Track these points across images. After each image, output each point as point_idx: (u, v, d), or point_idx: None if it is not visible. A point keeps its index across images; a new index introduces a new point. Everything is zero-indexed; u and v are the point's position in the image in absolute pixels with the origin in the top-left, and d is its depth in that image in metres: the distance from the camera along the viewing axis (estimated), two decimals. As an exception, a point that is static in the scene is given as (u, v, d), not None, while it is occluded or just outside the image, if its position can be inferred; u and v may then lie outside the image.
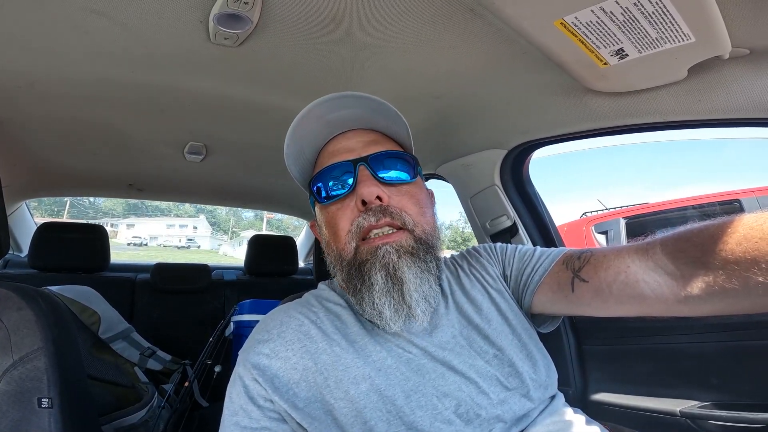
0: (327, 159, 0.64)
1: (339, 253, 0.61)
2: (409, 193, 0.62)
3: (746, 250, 0.45)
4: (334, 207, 0.61)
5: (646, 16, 0.54)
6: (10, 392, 0.62)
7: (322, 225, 0.66)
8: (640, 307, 0.57)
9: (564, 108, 0.89)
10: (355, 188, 0.59)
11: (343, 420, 0.53)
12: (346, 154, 0.63)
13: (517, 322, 0.64)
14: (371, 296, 0.56)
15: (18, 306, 0.68)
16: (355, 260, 0.58)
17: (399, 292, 0.56)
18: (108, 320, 1.39)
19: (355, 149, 0.63)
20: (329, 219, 0.62)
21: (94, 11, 0.69)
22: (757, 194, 3.14)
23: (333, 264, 0.64)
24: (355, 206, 0.59)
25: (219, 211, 43.13)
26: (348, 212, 0.60)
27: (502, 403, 0.57)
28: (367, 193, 0.58)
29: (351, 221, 0.59)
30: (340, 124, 0.65)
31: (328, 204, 0.62)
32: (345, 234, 0.59)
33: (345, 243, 0.59)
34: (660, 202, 4.16)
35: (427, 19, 0.68)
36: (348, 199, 0.60)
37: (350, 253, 0.59)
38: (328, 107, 0.62)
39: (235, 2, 0.64)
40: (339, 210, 0.61)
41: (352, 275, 0.59)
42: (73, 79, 0.92)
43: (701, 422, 0.85)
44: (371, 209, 0.58)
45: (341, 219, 0.60)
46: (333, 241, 0.62)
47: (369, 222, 0.58)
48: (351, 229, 0.59)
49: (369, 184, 0.59)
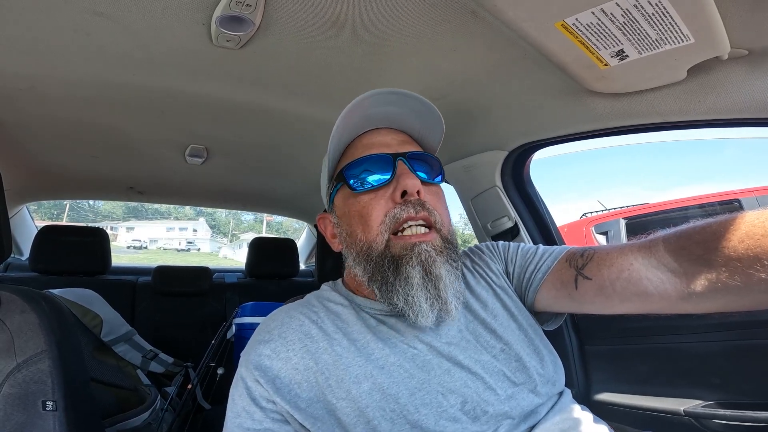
0: (361, 150, 0.63)
1: (368, 243, 0.59)
2: (438, 194, 0.64)
3: (748, 247, 0.46)
4: (367, 197, 0.61)
5: (646, 18, 0.55)
6: (14, 395, 0.62)
7: (347, 216, 0.64)
8: (643, 305, 0.57)
9: (564, 109, 0.89)
10: (395, 180, 0.60)
11: (345, 420, 0.53)
12: (384, 148, 0.63)
13: (523, 318, 0.65)
14: (406, 290, 0.56)
15: (21, 309, 0.68)
16: (386, 253, 0.58)
17: (435, 288, 0.57)
18: (110, 323, 1.38)
19: (391, 145, 0.64)
20: (360, 208, 0.61)
21: (96, 13, 0.69)
22: (756, 194, 3.15)
23: (354, 256, 0.62)
24: (390, 198, 0.59)
25: (219, 213, 43.02)
26: (382, 203, 0.60)
27: (509, 399, 0.56)
28: (411, 184, 0.58)
29: (385, 212, 0.59)
30: (379, 120, 0.65)
31: (360, 193, 0.61)
32: (378, 224, 0.59)
33: (376, 234, 0.59)
34: (660, 202, 4.17)
35: (427, 22, 0.69)
36: (383, 191, 0.60)
37: (381, 245, 0.58)
38: (375, 101, 0.62)
39: (238, 5, 0.64)
40: (372, 200, 0.60)
41: (382, 267, 0.58)
42: (74, 81, 0.93)
43: (705, 421, 0.85)
44: (410, 201, 0.59)
45: (374, 209, 0.60)
46: (362, 232, 0.60)
47: (408, 213, 0.58)
48: (384, 220, 0.59)
49: (411, 177, 0.59)
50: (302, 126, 1.17)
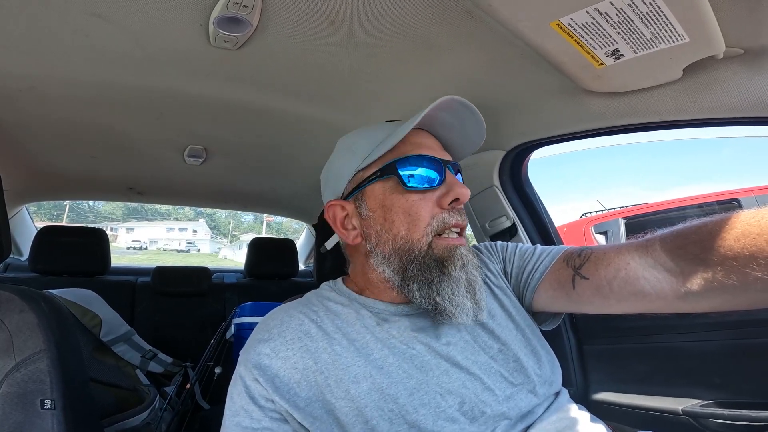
0: (411, 148, 0.62)
1: (410, 243, 0.59)
2: None
3: (744, 246, 0.46)
4: (416, 196, 0.60)
5: (641, 17, 0.55)
6: (12, 394, 0.63)
7: (387, 210, 0.61)
8: (640, 304, 0.57)
9: (561, 108, 0.89)
10: (444, 185, 0.61)
11: (344, 419, 0.53)
12: (431, 151, 0.62)
13: (521, 318, 0.65)
14: (452, 289, 0.58)
15: (20, 308, 0.69)
16: (430, 253, 0.59)
17: (473, 290, 0.59)
18: (109, 323, 1.39)
19: (436, 150, 0.64)
20: (408, 206, 0.60)
21: (95, 14, 0.69)
22: (755, 193, 3.15)
23: (387, 252, 0.61)
24: (436, 202, 0.60)
25: (219, 214, 43.00)
26: (429, 205, 0.60)
27: (508, 400, 0.57)
28: (464, 194, 0.60)
29: (431, 215, 0.59)
30: (430, 123, 0.64)
31: (409, 191, 0.60)
32: (424, 226, 0.59)
33: (422, 234, 0.59)
34: (659, 202, 4.17)
35: (423, 22, 0.69)
36: (430, 193, 0.60)
37: (424, 246, 0.59)
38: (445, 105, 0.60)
39: (235, 5, 0.65)
40: (421, 201, 0.60)
41: (428, 267, 0.58)
42: (73, 82, 0.93)
43: (703, 421, 0.85)
44: (457, 209, 0.61)
45: (422, 209, 0.59)
46: (406, 230, 0.59)
47: (456, 220, 0.60)
48: (431, 222, 0.59)
49: (463, 186, 0.61)
50: (301, 126, 1.17)
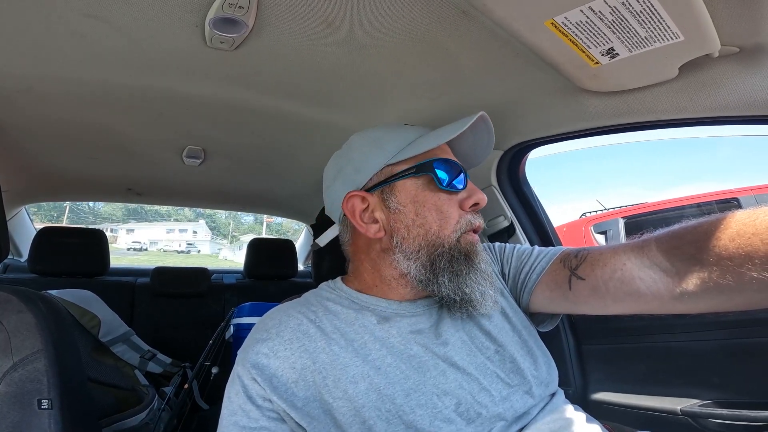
0: (441, 152, 0.67)
1: (440, 238, 0.62)
2: None
3: (739, 245, 0.46)
4: (445, 196, 0.63)
5: (635, 15, 0.55)
6: (10, 394, 0.63)
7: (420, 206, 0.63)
8: (636, 305, 0.58)
9: (558, 108, 0.89)
10: (468, 190, 0.65)
11: (341, 419, 0.53)
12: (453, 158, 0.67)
13: (517, 320, 0.65)
14: (478, 280, 0.61)
15: (18, 309, 0.69)
16: (458, 247, 0.62)
17: (492, 283, 0.63)
18: (108, 323, 1.39)
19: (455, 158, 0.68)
20: (440, 204, 0.63)
21: (91, 15, 0.69)
22: (755, 192, 3.15)
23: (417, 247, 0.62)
24: (458, 204, 0.64)
25: (219, 215, 43.06)
26: (455, 206, 0.64)
27: (504, 401, 0.57)
28: (484, 198, 0.65)
29: (458, 215, 0.63)
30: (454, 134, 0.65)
31: (441, 190, 0.63)
32: (454, 224, 0.62)
33: (452, 231, 0.62)
34: (658, 201, 4.18)
35: (419, 21, 0.69)
36: (455, 195, 0.64)
37: (453, 241, 0.62)
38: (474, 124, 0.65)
39: (231, 6, 0.65)
40: (449, 200, 0.63)
41: (457, 260, 0.61)
42: (71, 82, 0.93)
43: (702, 421, 0.85)
44: (478, 213, 0.66)
45: (451, 208, 0.63)
46: (437, 225, 0.62)
47: (479, 222, 0.65)
48: (460, 221, 0.63)
49: (481, 192, 0.65)
50: (299, 127, 1.17)
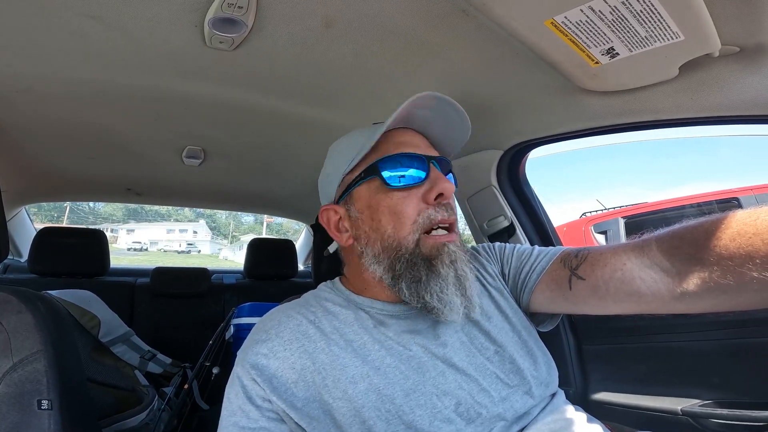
0: (394, 147, 0.62)
1: (397, 241, 0.59)
2: (454, 200, 0.66)
3: (740, 245, 0.46)
4: (400, 194, 0.60)
5: (635, 15, 0.55)
6: (9, 394, 0.63)
7: (373, 210, 0.61)
8: (636, 305, 0.57)
9: (558, 108, 0.89)
10: (429, 181, 0.60)
11: (341, 420, 0.53)
12: (415, 149, 0.63)
13: (517, 320, 0.65)
14: (441, 287, 0.57)
15: (17, 309, 0.69)
16: (418, 251, 0.58)
17: (463, 288, 0.59)
18: (108, 324, 1.39)
19: (420, 146, 0.64)
20: (393, 204, 0.60)
21: (90, 15, 0.69)
22: (755, 192, 3.15)
23: (377, 252, 0.61)
24: (422, 198, 0.60)
25: (219, 215, 43.11)
26: (414, 202, 0.60)
27: (503, 401, 0.57)
28: (449, 188, 0.60)
29: (417, 212, 0.59)
30: (414, 120, 0.64)
31: (393, 190, 0.60)
32: (411, 223, 0.59)
33: (408, 232, 0.59)
34: (658, 201, 4.18)
35: (419, 21, 0.69)
36: (416, 190, 0.60)
37: (412, 243, 0.59)
38: (422, 102, 0.61)
39: (230, 6, 0.65)
40: (405, 198, 0.60)
41: (415, 265, 0.58)
42: (70, 82, 0.93)
43: (703, 421, 0.85)
44: (443, 204, 0.60)
45: (408, 207, 0.59)
46: (392, 228, 0.60)
47: (443, 216, 0.59)
48: (417, 219, 0.59)
49: (447, 181, 0.60)
50: (298, 126, 1.17)
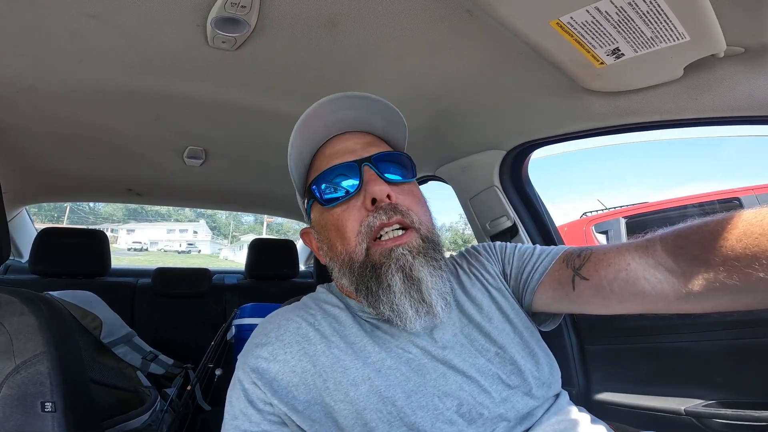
0: (326, 161, 0.63)
1: (348, 255, 0.59)
2: (412, 192, 0.63)
3: (746, 246, 0.46)
4: (339, 209, 0.60)
5: (641, 16, 0.55)
6: (12, 396, 0.62)
7: (324, 229, 0.63)
8: (641, 305, 0.57)
9: (562, 108, 0.89)
10: (363, 188, 0.59)
11: (343, 422, 0.53)
12: (348, 155, 0.62)
13: (518, 320, 0.64)
14: (390, 298, 0.56)
15: (20, 311, 0.69)
16: (367, 262, 0.57)
17: (418, 292, 0.56)
18: (110, 325, 1.39)
19: (356, 150, 0.62)
20: (335, 221, 0.60)
21: (91, 15, 0.69)
22: (756, 192, 3.14)
23: (338, 268, 0.62)
24: (362, 206, 0.58)
25: (219, 215, 43.17)
26: (355, 213, 0.59)
27: (504, 402, 0.56)
28: (378, 191, 0.57)
29: (360, 222, 0.58)
30: (338, 126, 0.64)
31: (332, 207, 0.61)
32: (354, 235, 0.58)
33: (355, 245, 0.58)
34: (660, 201, 4.17)
35: (423, 21, 0.69)
36: (354, 200, 0.60)
37: (361, 255, 0.58)
38: (330, 108, 0.61)
39: (233, 6, 0.64)
40: (345, 212, 0.60)
41: (365, 277, 0.57)
42: (71, 83, 0.92)
43: (706, 421, 0.85)
44: (381, 207, 0.58)
45: (348, 220, 0.59)
46: (341, 244, 0.60)
47: (381, 220, 0.57)
48: (360, 230, 0.58)
49: (378, 183, 0.58)
50: (300, 127, 1.17)
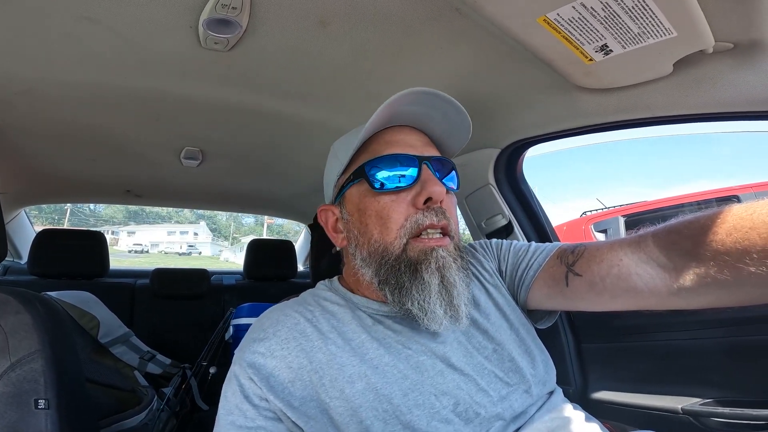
0: (385, 147, 0.61)
1: (384, 246, 0.58)
2: (452, 202, 0.64)
3: (737, 240, 0.46)
4: (388, 198, 0.59)
5: (627, 11, 0.55)
6: (7, 394, 0.63)
7: (362, 213, 0.61)
8: (633, 301, 0.57)
9: (554, 105, 0.89)
10: (419, 184, 0.58)
11: (338, 419, 0.53)
12: (409, 149, 0.60)
13: (515, 317, 0.65)
14: (423, 295, 0.55)
15: (16, 310, 0.69)
16: (403, 257, 0.57)
17: (449, 295, 0.56)
18: (107, 325, 1.39)
19: (416, 146, 0.61)
20: (380, 208, 0.59)
21: (87, 18, 0.70)
22: (755, 190, 3.14)
23: (366, 256, 0.60)
24: (411, 202, 0.58)
25: (219, 216, 43.21)
26: (403, 206, 0.58)
27: (502, 400, 0.57)
28: (438, 192, 0.57)
29: (406, 216, 0.57)
30: (403, 119, 0.63)
31: (381, 193, 0.59)
32: (397, 228, 0.57)
33: (395, 237, 0.57)
34: (658, 199, 4.17)
35: (413, 20, 0.69)
36: (404, 193, 0.59)
37: (399, 249, 0.57)
38: (410, 99, 0.59)
39: (224, 7, 0.65)
40: (393, 202, 0.58)
41: (398, 271, 0.57)
42: (66, 85, 0.93)
43: (704, 419, 0.84)
44: (433, 209, 0.57)
45: (395, 211, 0.58)
46: (379, 233, 0.58)
47: (431, 221, 0.57)
48: (405, 224, 0.57)
49: (437, 184, 0.58)
50: (295, 126, 1.17)
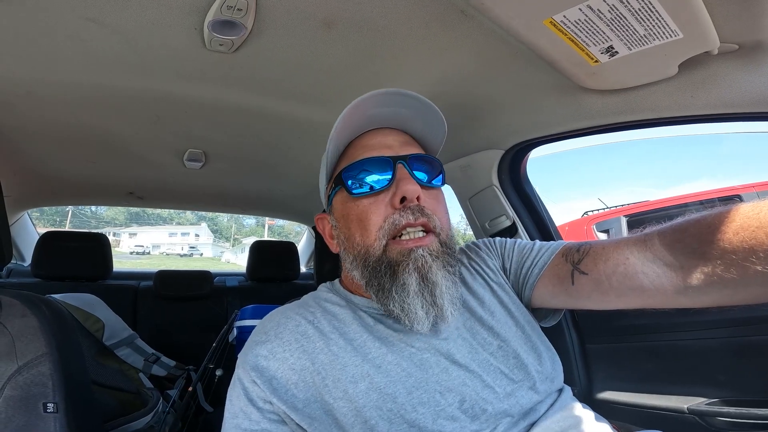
0: (361, 152, 0.62)
1: (365, 248, 0.59)
2: (437, 198, 0.63)
3: (743, 239, 0.46)
4: (366, 201, 0.60)
5: (633, 13, 0.55)
6: (15, 397, 0.63)
7: (345, 219, 0.63)
8: (639, 299, 0.57)
9: (558, 107, 0.89)
10: (394, 184, 0.59)
11: (343, 420, 0.53)
12: (384, 150, 0.62)
13: (520, 314, 0.64)
14: (402, 297, 0.56)
15: (22, 313, 0.69)
16: (383, 258, 0.58)
17: (431, 295, 0.56)
18: (112, 327, 1.40)
19: (393, 146, 0.62)
20: (359, 213, 0.60)
21: (90, 19, 0.70)
22: (758, 189, 3.14)
23: (352, 259, 0.62)
24: (389, 203, 0.59)
25: (221, 218, 43.29)
26: (381, 208, 0.59)
27: (508, 397, 0.56)
28: (411, 190, 0.57)
29: (384, 217, 0.58)
30: (379, 120, 0.64)
31: (359, 197, 0.60)
32: (376, 230, 0.58)
33: (374, 239, 0.58)
34: (661, 199, 4.17)
35: (418, 22, 0.69)
36: (382, 195, 0.59)
37: (378, 250, 0.58)
38: (376, 101, 0.60)
39: (229, 9, 0.65)
40: (371, 205, 0.59)
41: (379, 273, 0.57)
42: (71, 86, 0.93)
43: (710, 419, 0.84)
44: (409, 207, 0.58)
45: (373, 214, 0.59)
46: (360, 236, 0.60)
47: (407, 220, 0.57)
48: (383, 225, 0.58)
49: (410, 182, 0.58)
50: (299, 128, 1.17)
